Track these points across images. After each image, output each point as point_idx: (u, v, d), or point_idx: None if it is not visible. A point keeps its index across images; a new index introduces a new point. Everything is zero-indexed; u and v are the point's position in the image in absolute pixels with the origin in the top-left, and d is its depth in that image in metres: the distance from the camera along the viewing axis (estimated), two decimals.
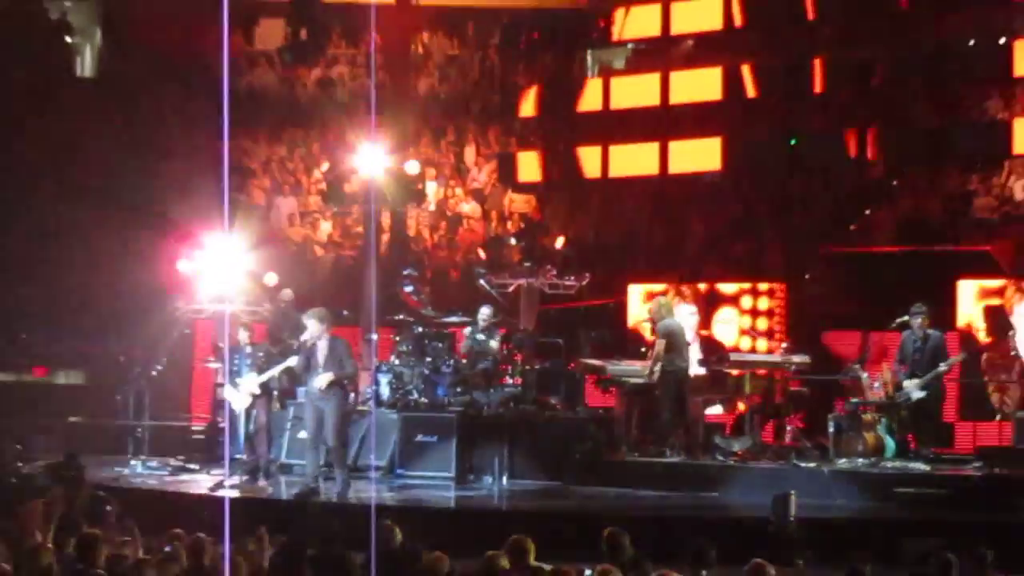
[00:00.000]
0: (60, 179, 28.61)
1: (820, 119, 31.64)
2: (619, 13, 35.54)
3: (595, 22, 36.15)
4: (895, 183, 29.93)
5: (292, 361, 20.00)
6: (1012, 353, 21.50)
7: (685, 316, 21.50)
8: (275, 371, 20.12)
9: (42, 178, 28.76)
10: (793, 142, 31.50)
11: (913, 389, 19.77)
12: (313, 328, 19.62)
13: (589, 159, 34.63)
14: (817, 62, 32.86)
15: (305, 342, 19.57)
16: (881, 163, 30.29)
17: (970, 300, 23.57)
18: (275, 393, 20.40)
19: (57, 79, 35.08)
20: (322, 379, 19.39)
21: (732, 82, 33.86)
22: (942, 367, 19.79)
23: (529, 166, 34.63)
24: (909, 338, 20.16)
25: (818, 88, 32.34)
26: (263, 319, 21.56)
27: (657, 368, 20.80)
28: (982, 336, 23.23)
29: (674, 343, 20.85)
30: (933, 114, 30.52)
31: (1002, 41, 31.02)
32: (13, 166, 29.33)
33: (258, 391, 20.07)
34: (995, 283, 22.91)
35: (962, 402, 22.57)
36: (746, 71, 33.66)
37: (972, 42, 31.53)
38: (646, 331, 23.65)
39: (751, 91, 33.33)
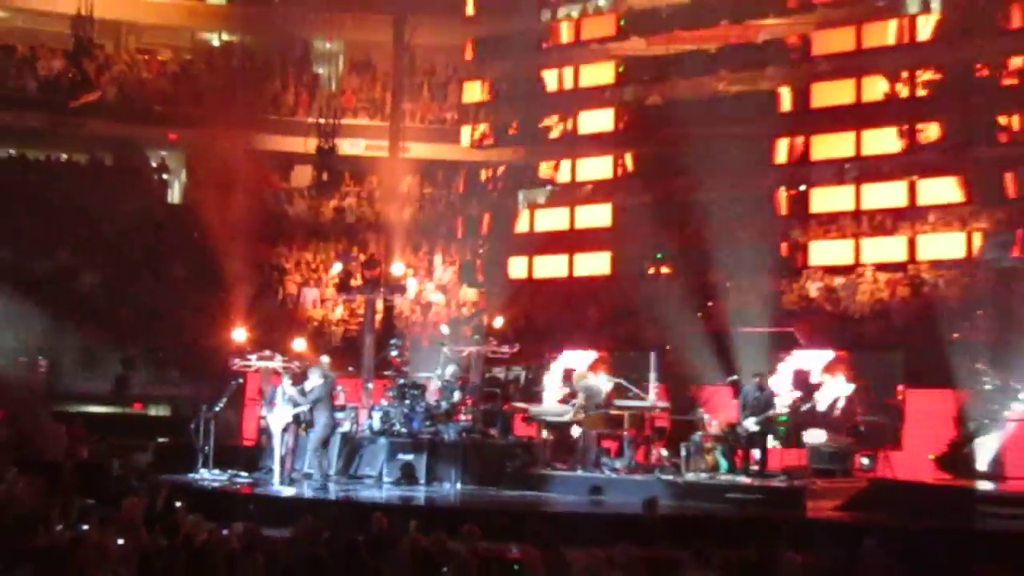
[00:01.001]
0: (157, 273, 28.58)
1: (679, 239, 31.79)
2: (543, 164, 35.83)
3: (526, 171, 36.32)
4: (728, 284, 30.07)
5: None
6: (809, 405, 21.58)
7: (603, 381, 21.57)
8: (300, 408, 20.14)
9: (144, 270, 28.73)
10: (659, 256, 31.71)
11: (751, 425, 19.86)
12: (314, 379, 19.86)
13: (518, 266, 34.91)
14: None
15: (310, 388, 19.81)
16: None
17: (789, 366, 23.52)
18: (302, 423, 20.40)
19: (156, 202, 35.16)
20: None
21: (619, 213, 34.21)
22: (770, 412, 19.88)
23: (479, 269, 34.97)
24: (751, 391, 20.24)
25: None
26: (296, 372, 21.53)
27: (581, 413, 20.99)
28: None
29: (591, 397, 21.04)
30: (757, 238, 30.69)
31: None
32: (124, 262, 29.31)
33: (289, 420, 20.10)
34: (803, 353, 22.95)
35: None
36: (629, 206, 33.88)
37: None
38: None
39: (632, 220, 33.43)
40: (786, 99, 31.56)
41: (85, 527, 14.84)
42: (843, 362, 21.73)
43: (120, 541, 14.40)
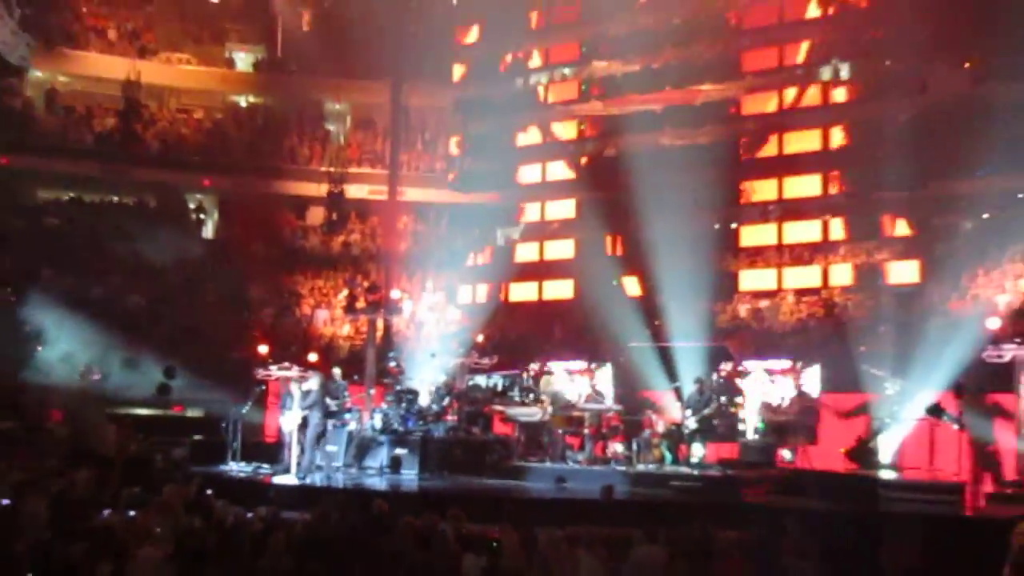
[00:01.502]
0: (193, 296, 28.49)
1: (631, 269, 31.87)
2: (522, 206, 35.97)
3: (505, 210, 36.39)
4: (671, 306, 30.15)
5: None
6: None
7: (561, 386, 21.64)
8: (305, 412, 20.08)
9: (181, 294, 28.65)
10: (615, 283, 31.78)
11: (692, 423, 19.88)
12: (312, 384, 19.83)
13: (495, 290, 35.04)
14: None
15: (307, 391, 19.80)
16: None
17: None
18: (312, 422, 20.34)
19: (192, 238, 35.08)
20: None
21: (580, 247, 34.39)
22: (706, 411, 19.88)
23: (463, 293, 35.06)
24: (693, 395, 20.27)
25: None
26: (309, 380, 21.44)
27: (548, 416, 21.00)
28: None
29: (555, 401, 21.07)
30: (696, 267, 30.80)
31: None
32: (165, 287, 29.23)
33: (299, 421, 20.01)
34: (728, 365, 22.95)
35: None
36: (589, 241, 34.00)
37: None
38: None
39: (591, 252, 33.58)
40: (720, 151, 31.68)
41: (132, 512, 14.76)
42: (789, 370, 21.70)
43: (161, 523, 14.34)
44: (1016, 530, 2.47)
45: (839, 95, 31.45)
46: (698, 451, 20.15)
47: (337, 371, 22.67)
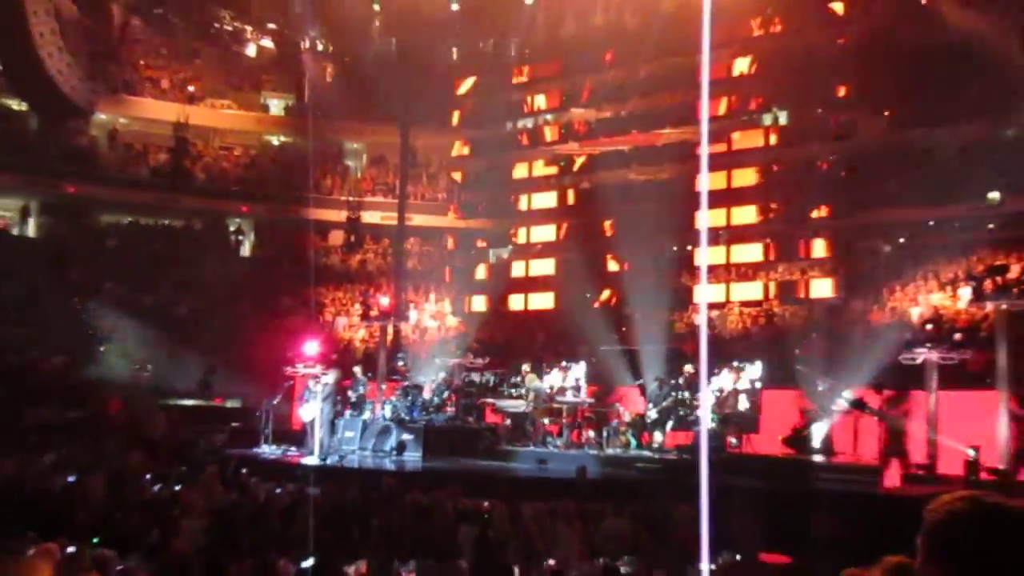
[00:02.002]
0: (232, 306, 28.45)
1: (602, 284, 31.92)
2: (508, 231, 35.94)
3: (497, 234, 36.40)
4: (637, 315, 30.22)
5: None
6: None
7: (543, 383, 21.64)
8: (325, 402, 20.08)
9: (222, 305, 28.60)
10: (588, 295, 31.79)
11: (654, 414, 19.88)
12: (327, 379, 19.82)
13: (488, 302, 35.04)
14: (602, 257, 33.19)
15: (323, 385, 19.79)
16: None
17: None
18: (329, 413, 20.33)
19: (232, 256, 35.12)
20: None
21: (560, 265, 34.32)
22: (665, 403, 19.90)
23: (461, 303, 34.97)
24: (655, 389, 20.28)
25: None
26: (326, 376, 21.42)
27: (531, 408, 20.98)
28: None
29: (537, 395, 21.03)
30: (657, 282, 30.84)
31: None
32: (208, 298, 29.21)
33: (317, 412, 19.99)
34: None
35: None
36: (567, 260, 34.00)
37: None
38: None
39: (569, 270, 33.58)
40: (678, 185, 31.71)
41: (178, 487, 14.72)
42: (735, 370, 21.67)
43: (202, 498, 14.30)
44: (928, 507, 2.47)
45: (775, 138, 31.61)
46: (658, 438, 20.16)
47: (358, 369, 22.67)
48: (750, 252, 31.89)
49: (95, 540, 11.75)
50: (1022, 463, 18.57)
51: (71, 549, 9.46)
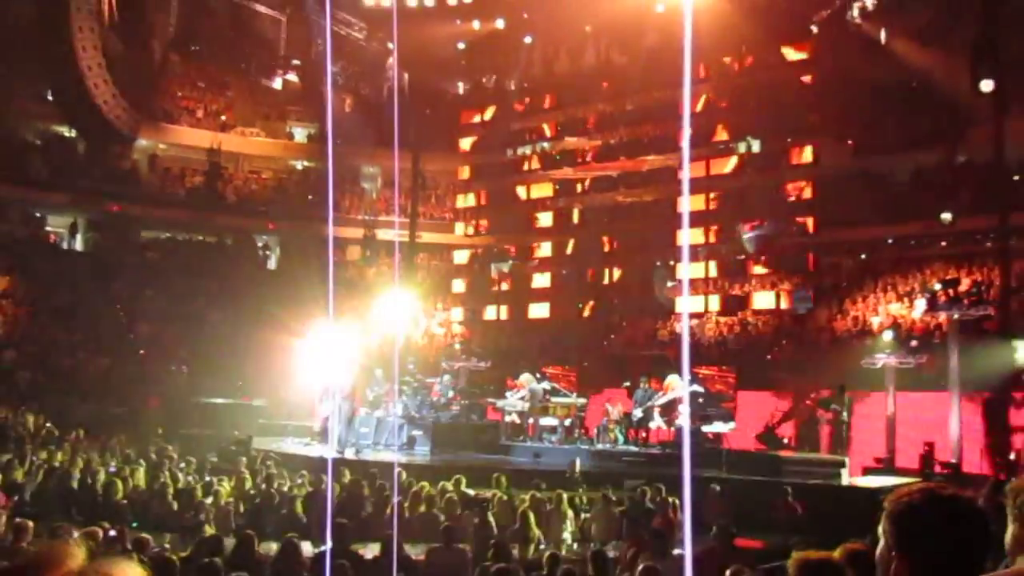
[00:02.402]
0: (260, 314, 28.34)
1: (593, 295, 31.91)
2: (509, 247, 35.89)
3: (497, 251, 36.35)
4: (624, 323, 30.22)
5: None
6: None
7: (538, 386, 21.61)
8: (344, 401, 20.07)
9: (251, 312, 28.55)
10: (579, 305, 31.82)
11: (639, 413, 19.87)
12: (348, 380, 19.81)
13: (491, 311, 35.00)
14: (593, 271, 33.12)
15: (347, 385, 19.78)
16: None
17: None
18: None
19: (260, 269, 35.20)
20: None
21: (555, 279, 34.34)
22: (650, 403, 19.89)
23: (467, 312, 34.92)
24: (641, 391, 20.26)
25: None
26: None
27: (528, 406, 20.94)
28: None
29: (534, 395, 21.03)
30: (643, 293, 30.77)
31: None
32: (238, 307, 29.18)
33: (336, 410, 19.97)
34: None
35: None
36: (562, 274, 34.02)
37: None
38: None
39: (564, 283, 33.59)
40: (662, 206, 31.69)
41: (208, 476, 14.72)
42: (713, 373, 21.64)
43: (231, 485, 14.28)
44: (888, 498, 2.48)
45: (751, 164, 31.61)
46: (643, 434, 20.17)
47: (379, 372, 22.67)
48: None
49: (134, 524, 11.76)
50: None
51: (112, 532, 9.48)
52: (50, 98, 32.21)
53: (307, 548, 9.36)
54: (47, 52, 29.49)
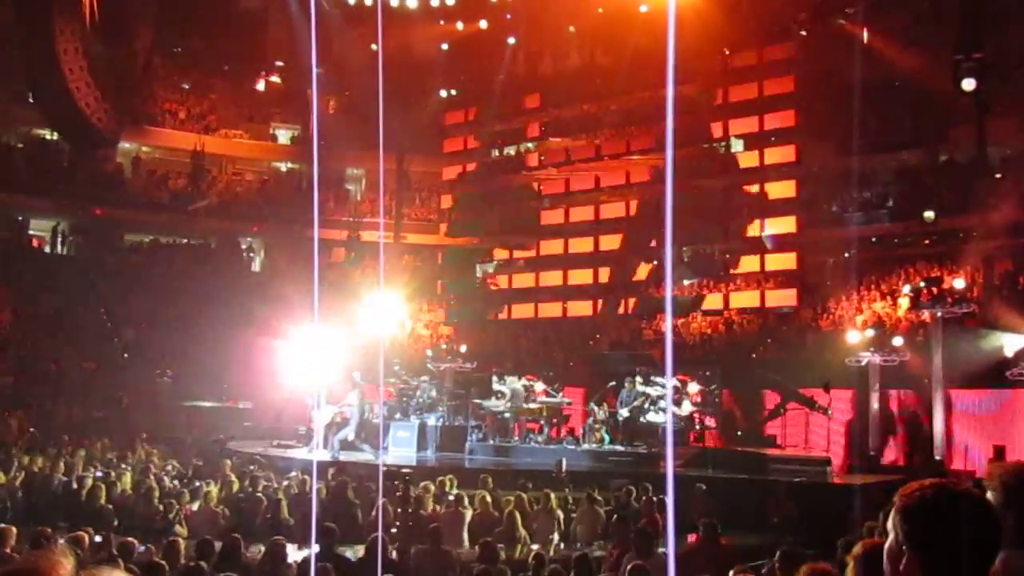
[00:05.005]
0: (246, 317, 28.30)
1: (580, 296, 31.91)
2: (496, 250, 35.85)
3: (483, 251, 36.33)
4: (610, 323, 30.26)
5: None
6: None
7: (520, 385, 21.61)
8: (335, 409, 20.05)
9: (236, 315, 28.50)
10: (565, 306, 31.84)
11: (624, 412, 19.91)
12: (333, 384, 19.88)
13: (476, 312, 34.96)
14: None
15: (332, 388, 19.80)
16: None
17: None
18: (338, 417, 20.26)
19: (244, 272, 35.11)
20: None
21: (540, 279, 34.39)
22: (636, 403, 19.93)
23: (451, 313, 34.85)
24: (626, 391, 20.30)
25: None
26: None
27: (514, 408, 20.95)
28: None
29: (516, 396, 21.04)
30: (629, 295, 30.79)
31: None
32: (223, 309, 29.10)
33: (328, 418, 19.96)
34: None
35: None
36: (546, 274, 33.99)
37: None
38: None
39: (546, 283, 33.57)
40: (645, 208, 31.74)
41: (197, 482, 14.68)
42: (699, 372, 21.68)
43: (218, 487, 14.24)
44: (899, 493, 2.44)
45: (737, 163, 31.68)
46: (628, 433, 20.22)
47: (357, 374, 22.66)
48: None
49: (120, 528, 11.72)
50: None
51: (98, 538, 9.43)
52: (32, 101, 32.02)
53: (292, 551, 9.35)
54: (28, 54, 29.31)
